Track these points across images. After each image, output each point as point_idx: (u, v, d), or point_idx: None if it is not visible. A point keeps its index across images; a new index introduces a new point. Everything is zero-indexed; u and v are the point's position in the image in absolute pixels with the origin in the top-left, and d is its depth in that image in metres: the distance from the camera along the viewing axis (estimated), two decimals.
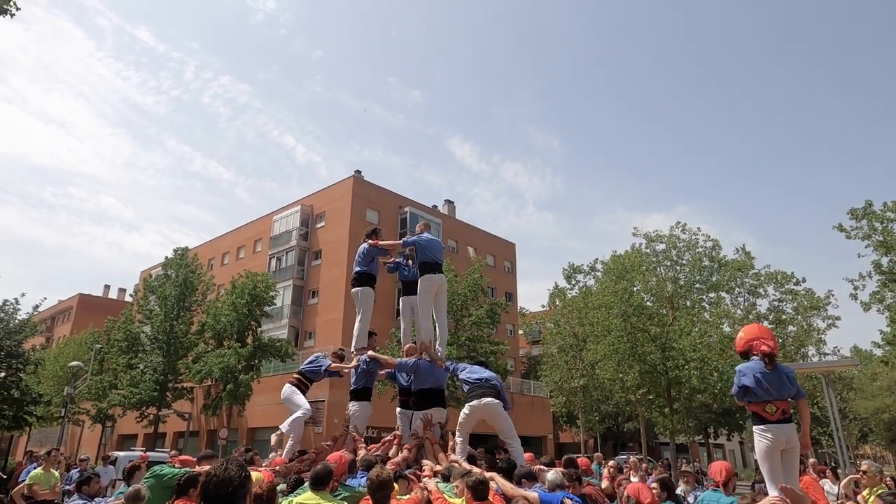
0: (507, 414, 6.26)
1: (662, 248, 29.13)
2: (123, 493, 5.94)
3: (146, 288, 31.52)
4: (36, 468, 8.89)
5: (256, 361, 27.89)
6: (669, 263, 28.96)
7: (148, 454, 14.37)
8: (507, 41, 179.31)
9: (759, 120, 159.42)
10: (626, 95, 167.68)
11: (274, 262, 39.94)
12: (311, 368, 7.06)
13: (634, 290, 27.64)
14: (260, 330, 29.67)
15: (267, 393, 27.21)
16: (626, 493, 5.25)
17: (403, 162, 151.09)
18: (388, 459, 5.73)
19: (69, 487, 8.50)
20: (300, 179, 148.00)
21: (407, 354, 7.12)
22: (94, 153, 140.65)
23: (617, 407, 40.75)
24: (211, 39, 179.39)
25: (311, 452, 6.01)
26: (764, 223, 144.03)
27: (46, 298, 28.10)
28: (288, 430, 6.51)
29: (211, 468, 2.01)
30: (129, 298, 51.76)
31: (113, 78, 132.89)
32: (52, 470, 8.71)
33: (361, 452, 5.97)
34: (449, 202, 46.50)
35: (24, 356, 25.88)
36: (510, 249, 48.76)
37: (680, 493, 7.76)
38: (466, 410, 6.15)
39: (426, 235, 7.42)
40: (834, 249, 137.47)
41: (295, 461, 5.74)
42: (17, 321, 25.76)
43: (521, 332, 46.53)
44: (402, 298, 8.04)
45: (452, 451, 6.08)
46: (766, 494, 4.41)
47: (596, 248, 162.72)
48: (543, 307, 39.15)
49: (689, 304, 28.67)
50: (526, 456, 6.37)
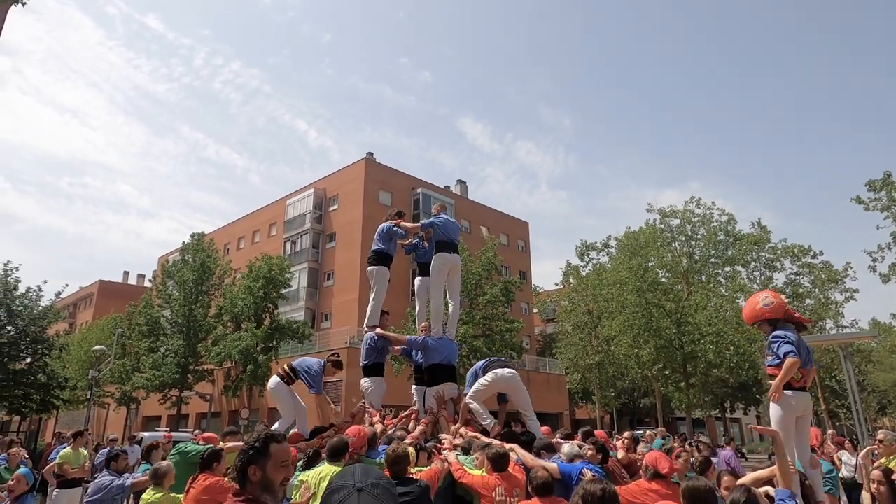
0: (524, 387, 6.40)
1: (677, 223, 28.94)
2: (146, 469, 6.16)
3: (164, 273, 32.00)
4: (65, 448, 9.16)
5: (275, 343, 28.33)
6: (684, 238, 28.77)
7: (172, 434, 14.76)
8: (518, 18, 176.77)
9: (774, 94, 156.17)
10: (637, 72, 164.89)
11: (289, 245, 40.27)
12: (307, 375, 6.85)
13: (649, 265, 27.53)
14: (277, 312, 30.07)
15: None
16: (644, 462, 5.33)
17: (415, 144, 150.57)
18: (409, 434, 5.86)
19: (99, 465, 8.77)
20: (312, 163, 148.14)
21: (422, 333, 7.25)
22: (108, 142, 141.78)
23: (633, 383, 40.89)
24: (220, 26, 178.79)
25: (331, 430, 6.13)
26: (780, 198, 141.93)
27: (68, 285, 28.72)
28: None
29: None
30: (148, 284, 52.65)
31: (124, 66, 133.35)
32: (80, 449, 8.97)
33: (378, 426, 6.09)
34: (461, 182, 46.37)
35: (48, 342, 26.51)
36: (523, 228, 48.63)
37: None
38: (487, 379, 6.20)
39: (443, 216, 7.62)
40: (852, 222, 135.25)
41: (317, 437, 5.88)
42: (40, 308, 26.33)
43: (535, 310, 46.62)
44: (417, 279, 8.17)
45: (464, 424, 6.11)
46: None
47: (610, 225, 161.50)
48: (557, 285, 39.18)
49: (704, 278, 28.51)
50: (543, 429, 6.48)
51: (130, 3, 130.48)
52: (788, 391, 4.45)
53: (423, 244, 7.94)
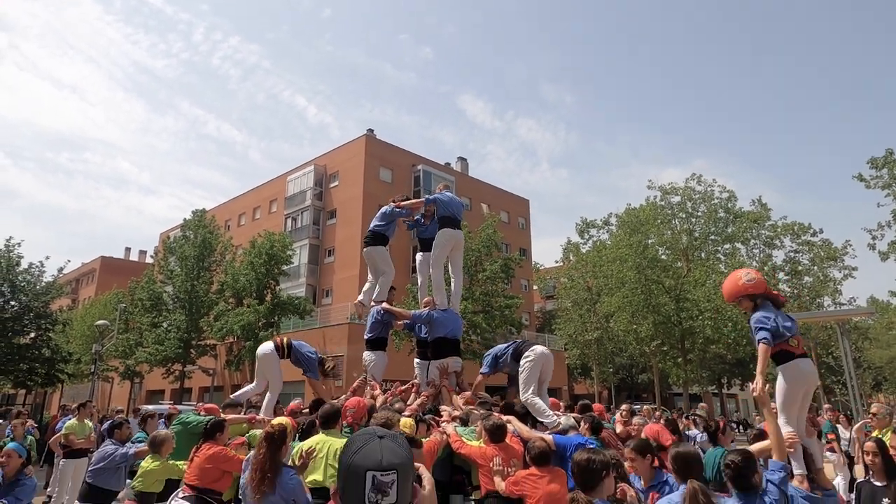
0: None
1: (677, 200, 28.88)
2: (140, 438, 6.28)
3: (166, 249, 32.06)
4: (71, 419, 9.30)
5: (276, 318, 28.52)
6: (684, 216, 28.74)
7: (177, 407, 14.96)
8: None
9: (777, 71, 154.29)
10: (639, 48, 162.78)
11: (289, 222, 40.25)
12: (307, 360, 6.86)
13: (649, 242, 27.55)
14: (278, 288, 30.21)
15: None
16: (644, 435, 5.43)
17: (415, 121, 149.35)
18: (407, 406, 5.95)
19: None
20: (312, 140, 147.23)
21: (425, 307, 7.29)
22: (107, 118, 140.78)
23: (631, 358, 41.21)
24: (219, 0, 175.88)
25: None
26: (783, 176, 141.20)
27: (70, 261, 28.86)
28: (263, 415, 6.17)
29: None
30: (149, 260, 52.75)
31: (122, 42, 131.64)
32: (85, 421, 9.12)
33: (380, 398, 6.19)
34: (462, 159, 46.09)
35: (52, 316, 26.69)
36: (524, 206, 48.51)
37: (693, 435, 7.98)
38: (531, 358, 5.90)
39: (447, 193, 7.65)
40: (852, 201, 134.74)
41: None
42: (43, 283, 26.45)
43: (535, 287, 46.79)
44: (418, 255, 8.21)
45: (469, 402, 6.08)
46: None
47: (611, 202, 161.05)
48: (557, 262, 39.25)
49: (703, 255, 28.54)
50: (551, 401, 6.56)
51: None
52: (789, 362, 4.16)
53: (423, 221, 7.95)
